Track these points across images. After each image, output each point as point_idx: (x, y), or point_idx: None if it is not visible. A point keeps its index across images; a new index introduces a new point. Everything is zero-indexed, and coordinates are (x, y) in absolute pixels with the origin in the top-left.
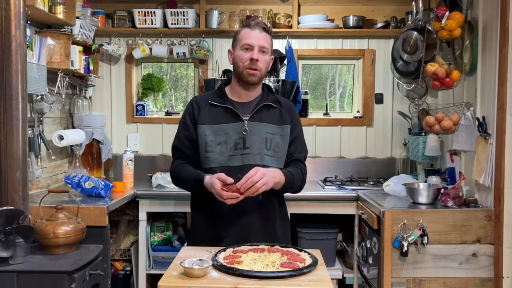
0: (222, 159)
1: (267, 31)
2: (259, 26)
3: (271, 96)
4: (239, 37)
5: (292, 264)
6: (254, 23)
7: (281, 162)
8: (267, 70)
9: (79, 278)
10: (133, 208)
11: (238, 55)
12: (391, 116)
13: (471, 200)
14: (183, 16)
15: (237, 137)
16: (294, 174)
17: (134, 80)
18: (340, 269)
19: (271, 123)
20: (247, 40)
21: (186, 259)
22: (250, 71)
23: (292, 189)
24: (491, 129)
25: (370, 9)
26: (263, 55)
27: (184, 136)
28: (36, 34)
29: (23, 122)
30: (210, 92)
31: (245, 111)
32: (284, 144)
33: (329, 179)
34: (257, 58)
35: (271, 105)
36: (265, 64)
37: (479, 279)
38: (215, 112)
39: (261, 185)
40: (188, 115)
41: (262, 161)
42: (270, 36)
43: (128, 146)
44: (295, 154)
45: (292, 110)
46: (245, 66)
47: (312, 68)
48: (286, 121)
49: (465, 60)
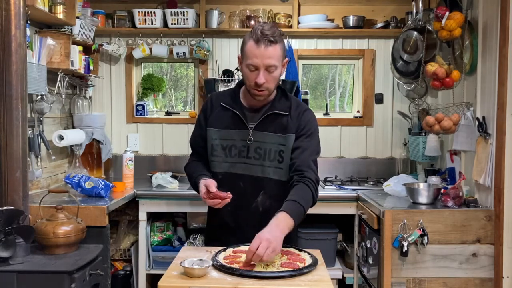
0: (225, 165)
1: (276, 42)
2: (265, 40)
3: (283, 102)
4: (245, 51)
5: (292, 264)
6: (260, 35)
7: (284, 174)
8: (277, 83)
9: (79, 278)
10: (133, 208)
11: (244, 72)
12: (391, 116)
13: (471, 200)
14: (183, 16)
15: (242, 145)
16: (303, 201)
17: (134, 80)
18: (340, 269)
19: (276, 132)
20: (252, 60)
21: (186, 259)
22: (256, 92)
23: (305, 213)
24: (491, 129)
25: (370, 9)
26: (270, 73)
27: (199, 134)
28: (36, 34)
29: (23, 122)
30: (226, 92)
31: (253, 118)
32: (288, 154)
33: (329, 179)
34: (262, 82)
35: (280, 114)
36: (273, 81)
37: (479, 279)
38: (225, 115)
39: (269, 255)
40: (202, 113)
41: (263, 173)
42: (281, 44)
43: (128, 146)
44: (299, 158)
45: (302, 115)
46: (251, 86)
47: (312, 68)
48: (290, 129)
49: (465, 60)
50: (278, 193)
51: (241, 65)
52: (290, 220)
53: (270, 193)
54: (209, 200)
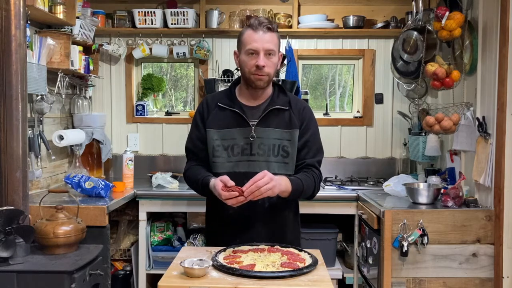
0: (228, 165)
1: (272, 29)
2: (263, 26)
3: (282, 98)
4: (243, 40)
5: (292, 264)
6: (257, 23)
7: (290, 168)
8: (276, 71)
9: (79, 278)
10: (133, 208)
11: (243, 60)
12: (391, 116)
13: (471, 200)
14: (183, 16)
15: (244, 143)
16: (304, 181)
17: (134, 80)
18: (340, 269)
19: (279, 127)
20: (251, 44)
21: (186, 259)
22: (257, 77)
23: (302, 196)
24: (491, 129)
25: (370, 9)
26: (269, 58)
27: (196, 137)
28: (36, 34)
29: (23, 122)
30: (221, 92)
31: (253, 115)
32: (293, 149)
33: (329, 179)
34: (263, 64)
35: (281, 108)
36: (272, 67)
37: (479, 279)
38: (224, 115)
39: (266, 190)
40: (199, 115)
41: (269, 169)
42: (277, 33)
43: (128, 146)
44: (306, 159)
45: (303, 112)
46: (251, 72)
47: (312, 68)
48: (295, 125)
49: (465, 60)
50: None
51: (238, 58)
52: (289, 184)
53: None
54: (227, 194)
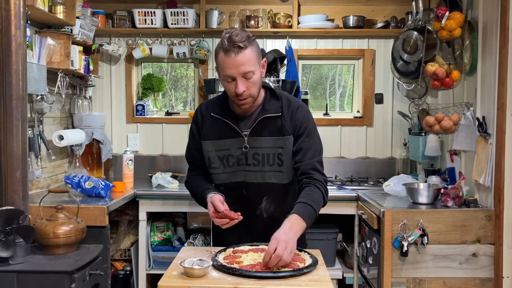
0: (224, 176)
1: (245, 46)
2: (234, 47)
3: (273, 103)
4: (218, 63)
5: (292, 264)
6: (226, 44)
7: (285, 176)
8: (260, 87)
9: (79, 278)
10: (133, 208)
11: (223, 84)
12: (391, 116)
13: (471, 200)
14: (183, 16)
15: (239, 153)
16: (313, 202)
17: (134, 80)
18: (340, 269)
19: (272, 135)
20: (226, 71)
21: (186, 259)
22: (240, 102)
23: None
24: (491, 129)
25: (370, 9)
26: (249, 79)
27: (194, 148)
28: (36, 34)
29: (23, 122)
30: (215, 99)
31: (245, 124)
32: (287, 156)
33: (329, 179)
34: (242, 90)
35: (272, 116)
36: (254, 86)
37: (479, 279)
38: (217, 125)
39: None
40: (194, 126)
41: (265, 179)
42: (252, 46)
43: (128, 146)
44: (305, 160)
45: (296, 114)
46: (233, 97)
47: (312, 68)
48: (286, 131)
49: (465, 60)
50: (280, 197)
51: (219, 76)
52: (302, 222)
53: (273, 198)
54: (217, 220)
